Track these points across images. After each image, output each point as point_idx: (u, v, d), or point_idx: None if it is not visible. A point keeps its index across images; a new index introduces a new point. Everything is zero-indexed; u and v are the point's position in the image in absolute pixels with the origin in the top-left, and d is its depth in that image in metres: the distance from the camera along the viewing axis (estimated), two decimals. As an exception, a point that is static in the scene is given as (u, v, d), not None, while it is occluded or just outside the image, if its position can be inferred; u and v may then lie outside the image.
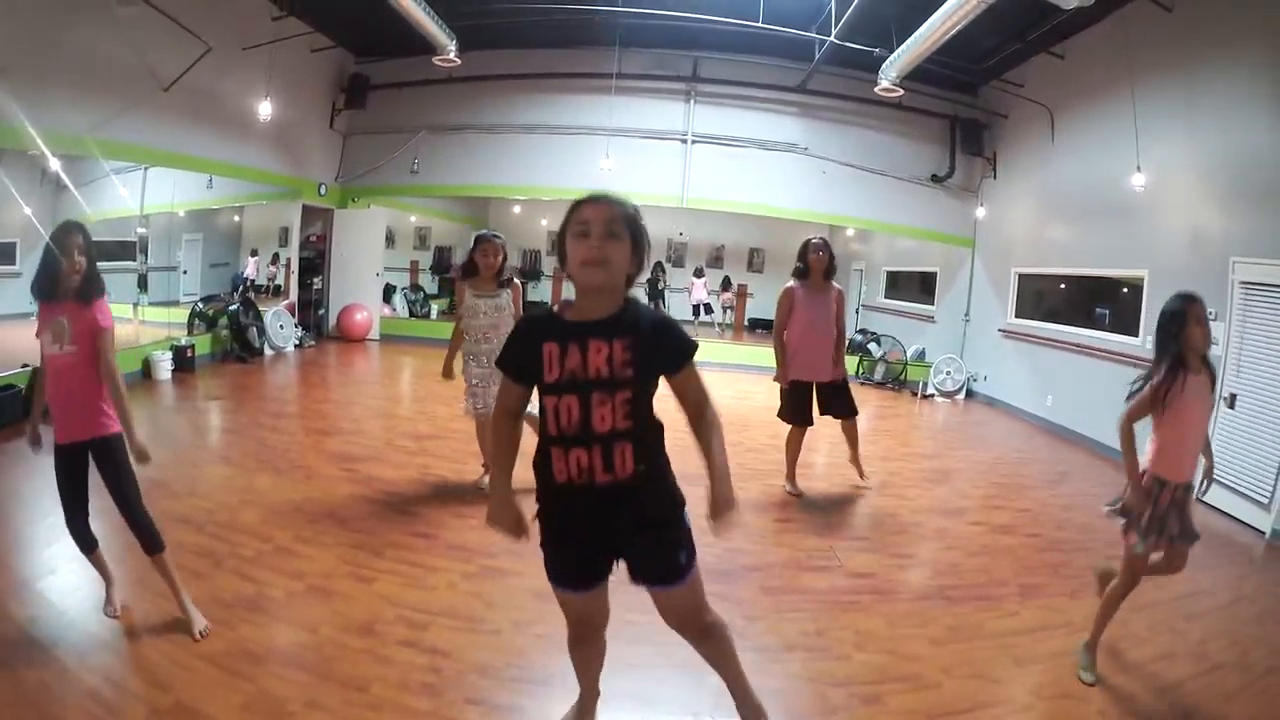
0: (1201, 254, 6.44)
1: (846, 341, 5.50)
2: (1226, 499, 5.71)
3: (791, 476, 5.48)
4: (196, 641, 2.87)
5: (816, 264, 5.18)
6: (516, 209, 17.11)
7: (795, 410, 5.34)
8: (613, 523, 2.00)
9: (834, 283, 5.30)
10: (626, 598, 2.20)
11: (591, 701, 2.52)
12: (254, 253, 10.78)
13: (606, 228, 1.87)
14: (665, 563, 2.07)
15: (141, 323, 7.97)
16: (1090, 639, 3.22)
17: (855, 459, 5.64)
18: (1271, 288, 5.62)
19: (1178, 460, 3.05)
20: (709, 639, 2.26)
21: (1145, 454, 3.12)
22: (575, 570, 2.11)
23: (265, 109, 8.55)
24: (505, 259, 4.78)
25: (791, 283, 5.27)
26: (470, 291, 4.71)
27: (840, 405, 5.43)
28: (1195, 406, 3.00)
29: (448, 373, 4.92)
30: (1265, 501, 5.39)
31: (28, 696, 2.42)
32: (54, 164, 6.35)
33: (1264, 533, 5.34)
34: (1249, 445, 5.59)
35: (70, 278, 2.83)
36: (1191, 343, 2.96)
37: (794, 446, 5.44)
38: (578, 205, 1.94)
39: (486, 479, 5.04)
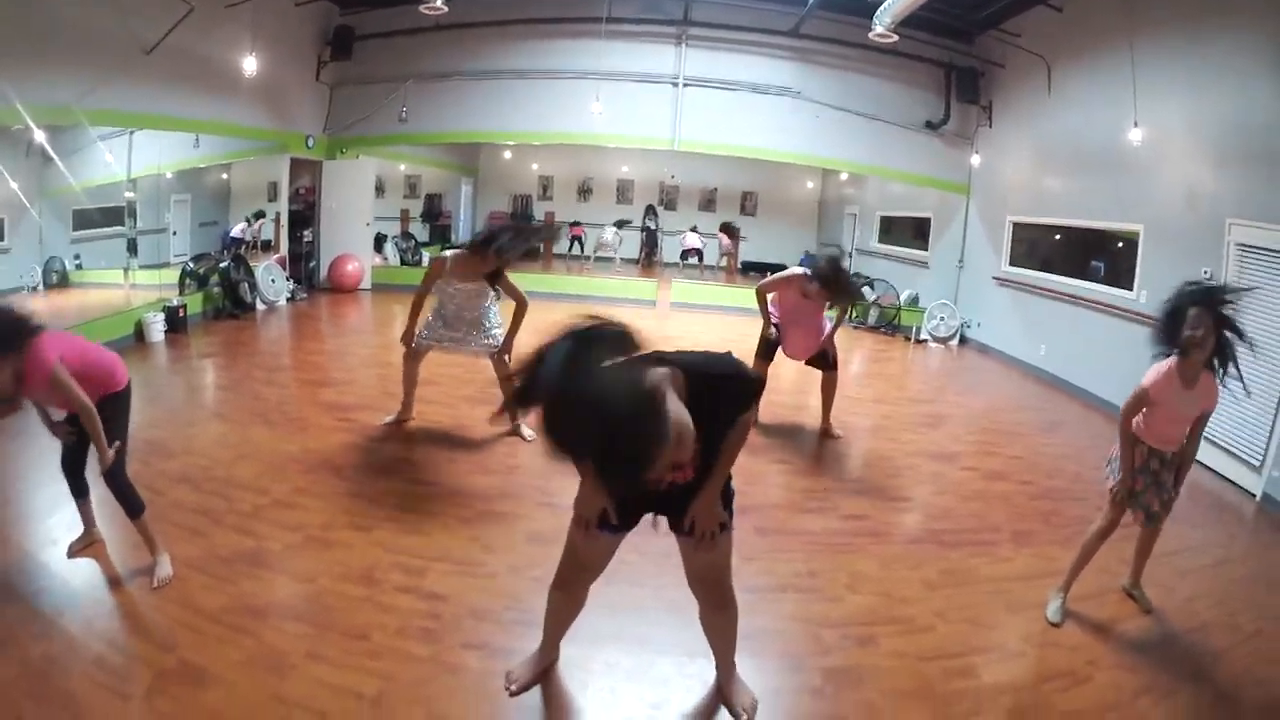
0: (1197, 213, 6.37)
1: (840, 325, 5.48)
2: (1219, 459, 5.70)
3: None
4: (153, 589, 2.95)
5: (817, 297, 5.00)
6: (507, 154, 16.98)
7: (761, 352, 5.40)
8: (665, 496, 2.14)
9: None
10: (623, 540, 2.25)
11: (549, 662, 2.59)
12: (248, 218, 10.65)
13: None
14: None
15: (132, 287, 7.89)
16: (1065, 582, 3.31)
17: (825, 417, 5.61)
18: (1268, 251, 5.56)
19: (1151, 434, 3.17)
20: (724, 609, 2.39)
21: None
22: (620, 514, 2.19)
23: (250, 65, 8.35)
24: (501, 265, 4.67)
25: (794, 273, 5.15)
26: (450, 272, 4.70)
27: (818, 360, 5.44)
28: (1177, 415, 3.09)
29: (408, 339, 4.93)
30: (1257, 464, 5.35)
31: (35, 669, 2.43)
32: (39, 136, 6.23)
33: (1254, 495, 5.31)
34: (1242, 407, 5.52)
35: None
36: (1185, 345, 2.96)
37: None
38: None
39: (388, 419, 5.16)
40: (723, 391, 1.89)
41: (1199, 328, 2.91)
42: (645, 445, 1.46)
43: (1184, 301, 2.97)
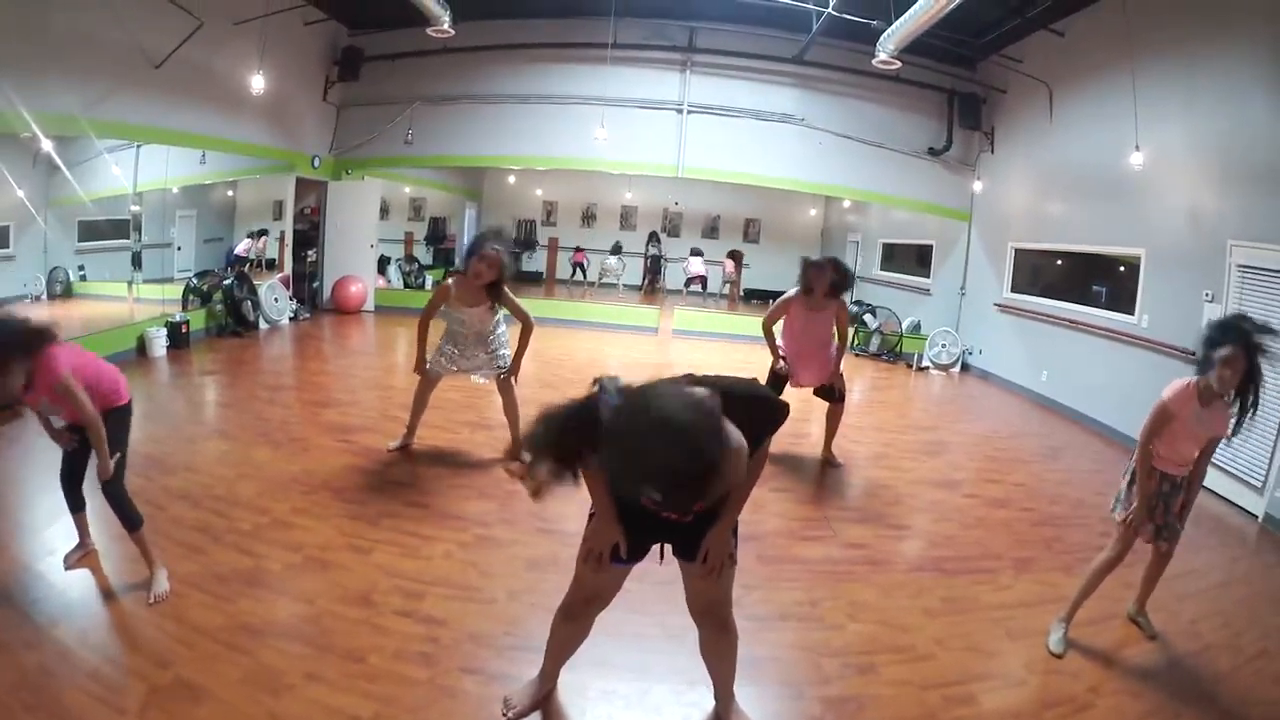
0: (1199, 235, 6.41)
1: (845, 348, 5.50)
2: (1221, 481, 5.70)
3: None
4: (149, 605, 2.93)
5: (817, 284, 5.11)
6: (511, 179, 17.07)
7: (769, 385, 5.37)
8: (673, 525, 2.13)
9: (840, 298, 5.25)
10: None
11: (548, 689, 2.58)
12: (251, 234, 10.71)
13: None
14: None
15: (136, 300, 7.91)
16: (1068, 612, 3.28)
17: (827, 447, 5.64)
18: (1268, 272, 5.60)
19: (1163, 458, 3.15)
20: (724, 634, 2.38)
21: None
22: (630, 547, 2.19)
23: (258, 83, 8.42)
24: (503, 272, 4.60)
25: (793, 293, 5.22)
26: (455, 298, 4.68)
27: (825, 392, 5.48)
28: (1192, 434, 3.07)
29: (420, 368, 4.91)
30: (1259, 486, 5.37)
31: (29, 679, 2.42)
32: (46, 145, 6.28)
33: (1257, 516, 5.33)
34: (1244, 428, 5.55)
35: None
36: (1217, 376, 2.92)
37: None
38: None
39: (393, 445, 5.10)
40: (754, 413, 1.91)
41: (1232, 368, 2.88)
42: (713, 458, 1.46)
43: (1228, 337, 2.92)
